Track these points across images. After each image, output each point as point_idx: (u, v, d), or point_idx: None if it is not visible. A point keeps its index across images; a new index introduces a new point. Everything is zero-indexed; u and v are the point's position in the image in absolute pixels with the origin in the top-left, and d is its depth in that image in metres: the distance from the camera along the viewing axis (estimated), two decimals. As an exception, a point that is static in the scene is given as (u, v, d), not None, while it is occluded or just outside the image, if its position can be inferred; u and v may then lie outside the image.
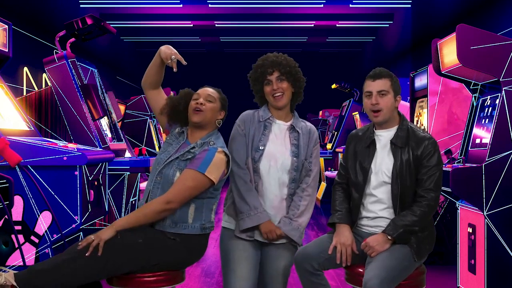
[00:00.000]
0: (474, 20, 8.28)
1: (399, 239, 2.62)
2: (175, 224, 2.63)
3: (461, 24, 3.71)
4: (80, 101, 4.77)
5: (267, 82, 2.78)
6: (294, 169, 2.76)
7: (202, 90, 2.79)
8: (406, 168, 2.68)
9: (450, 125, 5.17)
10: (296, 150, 2.78)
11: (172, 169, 2.67)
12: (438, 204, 2.74)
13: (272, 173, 2.75)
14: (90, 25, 4.74)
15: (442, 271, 4.67)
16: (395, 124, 2.79)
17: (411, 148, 2.70)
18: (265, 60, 2.80)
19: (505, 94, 3.56)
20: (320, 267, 2.66)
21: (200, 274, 4.77)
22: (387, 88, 2.73)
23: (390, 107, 2.74)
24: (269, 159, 2.75)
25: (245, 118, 2.83)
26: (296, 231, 2.74)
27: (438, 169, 2.69)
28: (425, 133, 2.78)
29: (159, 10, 10.93)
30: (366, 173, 2.75)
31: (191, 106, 2.74)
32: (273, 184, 2.76)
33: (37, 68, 8.07)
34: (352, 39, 13.67)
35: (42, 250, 3.47)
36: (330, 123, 12.18)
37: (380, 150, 2.77)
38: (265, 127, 2.80)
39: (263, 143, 2.76)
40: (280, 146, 2.79)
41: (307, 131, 2.85)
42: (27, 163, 3.41)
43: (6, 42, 3.98)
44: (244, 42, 13.49)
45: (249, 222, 2.70)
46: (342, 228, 2.72)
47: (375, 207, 2.74)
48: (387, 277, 2.49)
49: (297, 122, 2.85)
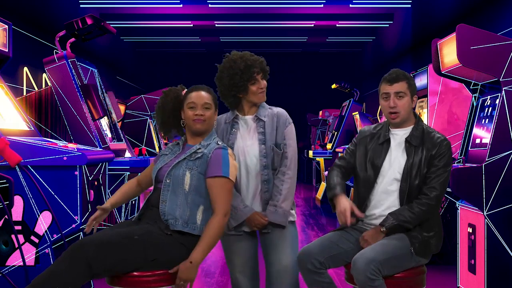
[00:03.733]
0: (474, 20, 8.28)
1: (391, 232, 2.65)
2: (187, 225, 2.65)
3: (461, 24, 3.71)
4: (80, 101, 4.77)
5: (254, 81, 2.85)
6: (263, 156, 2.85)
7: (197, 98, 2.76)
8: (418, 167, 2.70)
9: (450, 125, 5.17)
10: (263, 137, 2.86)
11: (181, 170, 2.69)
12: (439, 204, 2.74)
13: (244, 167, 2.87)
14: (90, 25, 4.74)
15: (442, 271, 4.67)
16: (410, 124, 2.83)
17: (426, 149, 2.73)
18: (249, 60, 2.83)
19: (505, 94, 3.56)
20: (323, 265, 2.68)
21: (200, 274, 4.77)
22: (404, 90, 2.78)
23: (408, 108, 2.80)
24: (239, 154, 2.87)
25: (215, 124, 2.95)
26: (282, 217, 2.85)
27: (447, 170, 2.73)
28: (440, 134, 2.81)
29: (159, 10, 10.93)
30: (377, 170, 2.78)
31: (189, 116, 2.75)
32: (248, 176, 2.87)
33: (37, 68, 8.07)
34: (352, 39, 13.67)
35: (42, 250, 3.47)
36: (330, 123, 12.19)
37: (394, 148, 2.80)
38: (232, 126, 2.93)
39: (231, 142, 2.89)
40: (248, 139, 2.89)
41: (273, 115, 2.91)
42: (27, 163, 3.41)
43: (6, 42, 3.98)
44: (244, 42, 13.48)
45: (233, 222, 2.85)
46: (339, 199, 2.77)
47: (381, 202, 2.76)
48: (375, 259, 2.51)
49: (262, 111, 2.92)
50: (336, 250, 2.73)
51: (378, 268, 2.50)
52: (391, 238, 2.65)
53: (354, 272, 2.52)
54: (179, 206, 2.66)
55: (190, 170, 2.68)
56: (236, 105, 2.94)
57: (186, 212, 2.65)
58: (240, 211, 2.83)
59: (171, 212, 2.65)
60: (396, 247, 2.61)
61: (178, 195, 2.67)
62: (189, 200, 2.67)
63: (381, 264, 2.52)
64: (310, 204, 10.15)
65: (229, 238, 2.93)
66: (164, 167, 2.76)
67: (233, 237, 2.92)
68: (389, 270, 2.57)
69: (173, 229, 2.63)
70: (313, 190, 12.70)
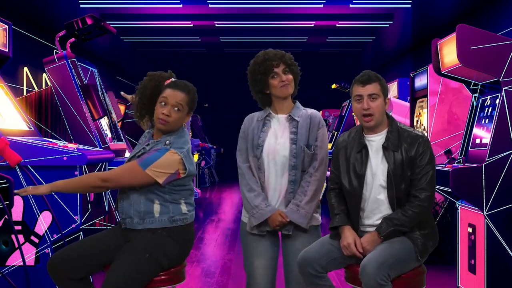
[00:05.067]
0: (474, 20, 8.28)
1: (388, 237, 2.64)
2: (143, 221, 2.64)
3: (461, 24, 3.71)
4: (80, 101, 4.77)
5: (274, 74, 2.81)
6: (293, 156, 2.78)
7: (170, 95, 2.67)
8: (400, 171, 2.66)
9: (450, 125, 5.17)
10: (295, 137, 2.80)
11: None
12: (432, 204, 2.72)
13: (273, 165, 2.80)
14: (90, 25, 4.73)
15: (442, 271, 4.67)
16: (384, 127, 2.77)
17: (404, 150, 2.68)
18: (268, 55, 2.82)
19: (505, 94, 3.56)
20: (323, 269, 2.66)
21: (200, 274, 4.77)
22: (377, 92, 2.72)
23: (381, 110, 2.73)
24: (269, 153, 2.80)
25: (245, 121, 2.93)
26: (304, 219, 2.77)
27: (431, 167, 2.68)
28: (417, 131, 2.77)
29: (159, 10, 10.93)
30: (361, 179, 2.72)
31: (157, 112, 2.69)
32: (276, 176, 2.80)
33: (37, 68, 8.07)
34: (352, 39, 13.67)
35: (42, 250, 3.47)
36: (330, 123, 12.18)
37: (373, 156, 2.74)
38: (264, 124, 2.87)
39: (262, 139, 2.82)
40: (280, 138, 2.82)
41: (307, 116, 2.85)
42: (27, 163, 3.41)
43: (6, 42, 3.98)
44: (244, 42, 13.48)
45: (254, 220, 2.79)
46: (342, 231, 2.73)
47: (374, 212, 2.73)
48: (384, 262, 2.49)
49: (296, 111, 2.87)
50: (336, 253, 2.71)
51: (387, 273, 2.49)
52: (393, 241, 2.63)
53: (364, 278, 2.48)
54: (133, 204, 2.66)
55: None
56: (267, 103, 2.90)
57: (141, 208, 2.64)
58: (262, 210, 2.75)
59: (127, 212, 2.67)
60: (401, 250, 2.60)
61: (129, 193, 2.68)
62: (142, 197, 2.65)
63: (390, 268, 2.51)
64: (310, 204, 10.14)
65: (251, 238, 2.85)
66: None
67: (255, 237, 2.83)
68: (396, 274, 2.57)
69: (130, 227, 2.64)
70: (313, 190, 12.68)
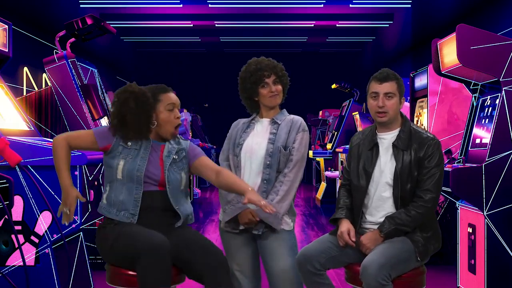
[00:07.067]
0: (474, 20, 8.28)
1: (390, 236, 2.65)
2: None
3: (461, 24, 3.71)
4: (80, 101, 4.77)
5: (264, 84, 2.87)
6: (269, 155, 2.83)
7: (175, 99, 2.76)
8: (408, 170, 2.68)
9: (450, 125, 5.17)
10: (273, 137, 2.86)
11: (177, 174, 2.75)
12: (435, 206, 2.73)
13: (249, 164, 2.87)
14: (90, 25, 4.73)
15: (442, 271, 4.67)
16: (397, 126, 2.79)
17: (413, 150, 2.70)
18: (260, 64, 2.88)
19: (505, 94, 3.56)
20: (322, 267, 2.67)
21: (200, 274, 4.76)
22: (393, 91, 2.74)
23: (396, 109, 2.76)
24: (247, 151, 2.89)
25: (233, 125, 3.03)
26: (274, 218, 2.79)
27: (439, 170, 2.69)
28: (428, 133, 2.78)
29: (159, 10, 10.94)
30: (369, 176, 2.75)
31: (169, 119, 2.70)
32: (250, 174, 2.87)
33: (37, 68, 8.07)
34: (352, 39, 13.67)
35: (42, 250, 3.46)
36: (330, 123, 12.18)
37: (382, 154, 2.77)
38: (248, 127, 2.96)
39: (243, 139, 2.91)
40: (259, 138, 2.89)
41: (289, 120, 2.92)
42: (27, 163, 3.41)
43: (6, 42, 3.98)
44: (244, 42, 13.49)
45: (226, 216, 2.86)
46: (340, 222, 2.78)
47: (378, 209, 2.74)
48: (386, 263, 2.50)
49: (280, 116, 2.94)
50: (335, 251, 2.72)
51: (388, 273, 2.49)
52: (394, 241, 2.64)
53: (365, 278, 2.49)
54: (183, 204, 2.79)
55: (184, 171, 2.79)
56: (255, 109, 2.98)
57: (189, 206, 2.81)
58: (233, 206, 2.83)
59: (184, 212, 2.76)
60: (402, 250, 2.61)
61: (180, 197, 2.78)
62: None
63: (391, 268, 2.52)
64: (310, 204, 10.15)
65: (227, 235, 2.93)
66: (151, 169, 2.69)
67: (230, 234, 2.91)
68: (397, 274, 2.57)
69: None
70: (313, 190, 12.70)
